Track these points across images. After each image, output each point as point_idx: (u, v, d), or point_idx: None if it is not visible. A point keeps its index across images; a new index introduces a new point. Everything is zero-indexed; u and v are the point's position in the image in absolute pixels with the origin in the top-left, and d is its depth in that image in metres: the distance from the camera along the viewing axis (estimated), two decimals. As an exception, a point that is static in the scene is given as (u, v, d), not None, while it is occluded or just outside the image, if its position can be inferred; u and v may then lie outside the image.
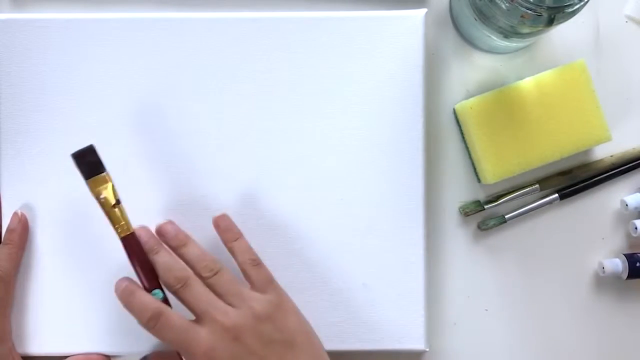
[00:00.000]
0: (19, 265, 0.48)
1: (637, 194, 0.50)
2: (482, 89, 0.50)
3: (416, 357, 0.50)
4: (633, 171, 0.51)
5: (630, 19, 0.52)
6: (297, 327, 0.43)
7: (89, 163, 0.42)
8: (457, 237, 0.51)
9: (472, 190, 0.51)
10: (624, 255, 0.50)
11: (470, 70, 0.51)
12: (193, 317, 0.42)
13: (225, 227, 0.46)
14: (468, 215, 0.50)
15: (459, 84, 0.51)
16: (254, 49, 0.49)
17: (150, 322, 0.41)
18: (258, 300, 0.42)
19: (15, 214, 0.48)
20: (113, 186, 0.43)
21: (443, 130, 0.51)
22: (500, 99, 0.48)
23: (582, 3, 0.40)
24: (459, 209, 0.51)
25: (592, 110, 0.48)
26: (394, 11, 0.49)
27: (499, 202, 0.50)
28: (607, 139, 0.49)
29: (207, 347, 0.40)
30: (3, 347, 0.47)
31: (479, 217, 0.51)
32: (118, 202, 0.43)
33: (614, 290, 0.51)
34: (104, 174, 0.43)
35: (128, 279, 0.43)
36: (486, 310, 0.51)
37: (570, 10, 0.40)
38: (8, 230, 0.48)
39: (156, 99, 0.49)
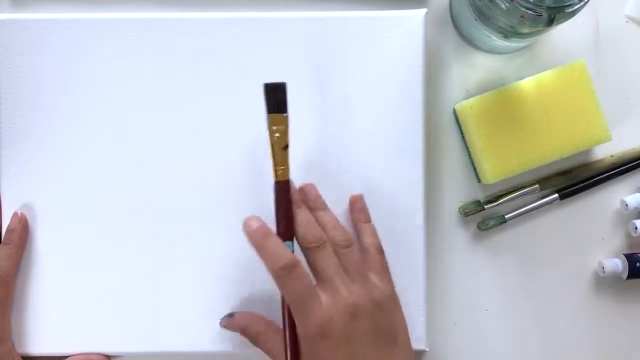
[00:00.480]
0: (19, 265, 0.48)
1: (637, 194, 0.50)
2: (482, 89, 0.50)
3: (416, 357, 0.50)
4: (633, 171, 0.51)
5: (630, 19, 0.52)
6: (402, 324, 0.43)
7: (277, 98, 0.43)
8: (457, 237, 0.51)
9: (472, 190, 0.51)
10: (624, 255, 0.50)
11: (470, 70, 0.51)
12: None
13: (359, 208, 0.47)
14: (468, 215, 0.50)
15: (459, 84, 0.51)
16: (253, 49, 0.49)
17: (283, 271, 0.40)
18: (378, 287, 0.43)
19: (15, 214, 0.48)
20: (288, 130, 0.43)
21: (443, 130, 0.51)
22: (500, 99, 0.48)
23: (582, 3, 0.40)
24: (459, 209, 0.51)
25: (592, 110, 0.48)
26: (394, 11, 0.49)
27: (499, 202, 0.50)
28: (607, 139, 0.49)
29: (325, 316, 0.40)
30: (3, 347, 0.47)
31: (479, 217, 0.51)
32: (287, 146, 0.43)
33: (614, 290, 0.51)
34: (286, 114, 0.43)
35: (258, 219, 0.42)
36: (486, 310, 0.51)
37: (570, 10, 0.40)
38: (8, 230, 0.48)
39: (156, 98, 0.48)
